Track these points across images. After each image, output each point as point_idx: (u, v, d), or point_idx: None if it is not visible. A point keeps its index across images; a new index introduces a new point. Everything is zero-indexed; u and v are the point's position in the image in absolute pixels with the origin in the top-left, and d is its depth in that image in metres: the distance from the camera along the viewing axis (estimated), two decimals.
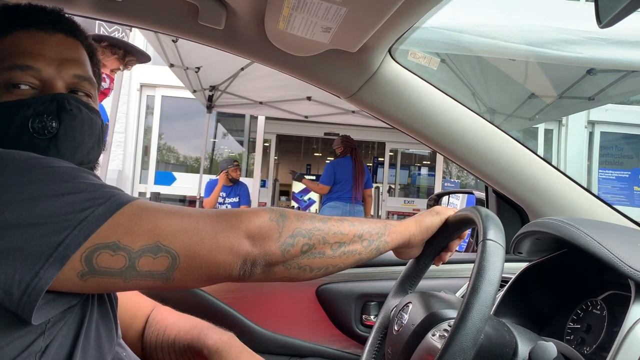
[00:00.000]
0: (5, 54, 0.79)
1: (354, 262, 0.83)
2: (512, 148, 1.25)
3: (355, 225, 0.83)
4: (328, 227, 0.78)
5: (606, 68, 3.40)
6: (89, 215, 0.61)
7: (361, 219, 0.85)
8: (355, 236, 0.82)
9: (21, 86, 0.78)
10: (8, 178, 0.61)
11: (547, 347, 0.71)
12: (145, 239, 0.63)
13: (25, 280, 0.57)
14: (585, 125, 7.29)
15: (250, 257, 0.70)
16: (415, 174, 8.41)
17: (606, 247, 0.78)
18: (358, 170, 5.09)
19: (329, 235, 0.78)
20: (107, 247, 0.62)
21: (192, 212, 0.69)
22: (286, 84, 4.69)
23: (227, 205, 5.56)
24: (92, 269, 0.61)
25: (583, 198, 1.24)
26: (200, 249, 0.66)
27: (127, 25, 1.39)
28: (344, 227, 0.81)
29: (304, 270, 0.77)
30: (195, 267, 0.67)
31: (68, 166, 0.67)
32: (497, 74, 3.78)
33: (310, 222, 0.77)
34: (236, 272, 0.70)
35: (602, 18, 0.59)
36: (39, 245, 0.58)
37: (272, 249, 0.72)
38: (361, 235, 0.83)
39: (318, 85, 1.23)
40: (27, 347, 0.62)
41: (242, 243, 0.69)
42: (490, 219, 0.76)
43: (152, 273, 0.65)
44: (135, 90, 7.22)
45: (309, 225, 0.76)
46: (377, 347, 0.99)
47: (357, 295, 1.39)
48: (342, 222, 0.81)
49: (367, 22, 0.92)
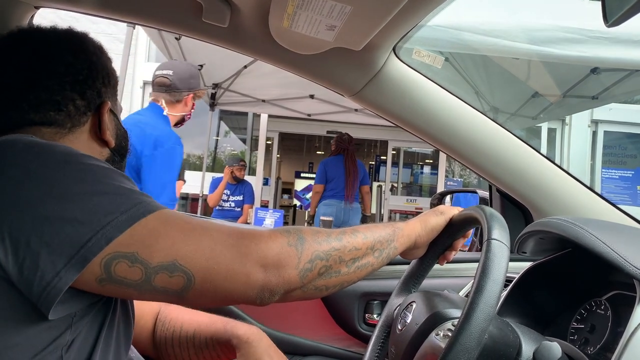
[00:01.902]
0: None
1: (367, 274, 0.83)
2: (516, 147, 1.25)
3: (367, 236, 0.83)
4: (344, 245, 0.78)
5: (610, 67, 3.39)
6: (112, 220, 0.62)
7: (370, 227, 0.85)
8: (368, 249, 0.82)
9: None
10: (46, 170, 0.64)
11: (551, 347, 0.71)
12: (162, 256, 0.63)
13: (47, 278, 0.59)
14: (589, 124, 7.27)
15: (268, 287, 0.69)
16: (417, 173, 8.41)
17: (611, 246, 0.77)
18: (349, 169, 5.09)
19: (345, 253, 0.78)
20: (125, 256, 0.62)
21: (212, 229, 0.68)
22: (289, 82, 4.69)
23: (230, 203, 5.57)
24: (110, 277, 0.62)
25: (587, 197, 1.24)
26: (216, 273, 0.66)
27: (131, 22, 1.38)
28: (358, 241, 0.81)
29: (321, 290, 0.77)
30: (210, 290, 0.67)
31: (102, 166, 0.69)
32: (500, 73, 3.77)
33: (327, 243, 0.76)
34: (252, 299, 0.70)
35: (609, 17, 0.59)
36: (64, 243, 0.60)
37: (291, 277, 0.71)
38: (373, 247, 0.83)
39: (322, 83, 1.23)
40: (54, 339, 0.63)
41: (258, 272, 0.68)
42: (495, 219, 0.76)
43: (167, 290, 0.65)
44: (138, 88, 7.23)
45: (326, 246, 0.76)
46: (380, 346, 0.99)
47: (360, 294, 1.39)
48: (355, 236, 0.81)
49: (372, 21, 0.91)
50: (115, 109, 0.93)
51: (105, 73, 0.90)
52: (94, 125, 0.87)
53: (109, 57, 0.94)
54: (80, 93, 0.84)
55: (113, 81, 0.93)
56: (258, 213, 4.73)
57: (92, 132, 0.87)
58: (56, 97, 0.81)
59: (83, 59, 0.86)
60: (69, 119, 0.82)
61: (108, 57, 0.94)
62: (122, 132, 0.95)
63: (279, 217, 4.67)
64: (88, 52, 0.88)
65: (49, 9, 1.14)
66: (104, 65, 0.91)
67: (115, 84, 0.93)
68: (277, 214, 4.71)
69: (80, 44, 0.88)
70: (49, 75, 0.82)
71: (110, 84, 0.92)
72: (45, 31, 0.87)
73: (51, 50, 0.84)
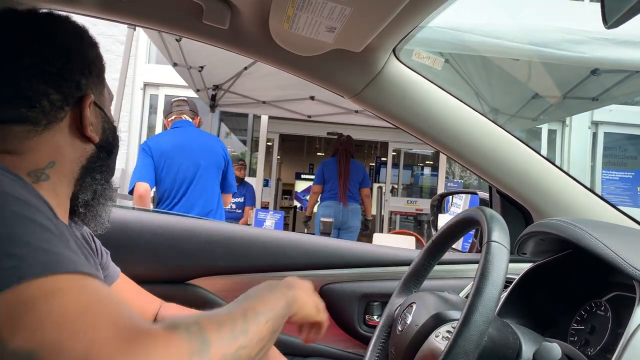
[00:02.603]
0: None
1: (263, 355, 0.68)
2: (516, 148, 1.25)
3: (269, 317, 0.68)
4: (250, 339, 0.62)
5: (610, 68, 3.39)
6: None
7: (265, 299, 0.71)
8: (270, 333, 0.68)
9: None
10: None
11: (551, 348, 0.71)
12: (24, 339, 0.46)
13: None
14: (589, 126, 7.26)
15: None
16: (418, 174, 8.41)
17: (611, 248, 0.77)
18: (341, 170, 5.10)
19: (253, 348, 0.63)
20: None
21: (103, 318, 0.50)
22: (289, 83, 4.69)
23: (231, 205, 5.57)
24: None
25: (587, 199, 1.24)
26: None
27: (131, 24, 1.38)
28: (262, 329, 0.65)
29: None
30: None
31: (29, 216, 0.56)
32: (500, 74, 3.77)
33: (234, 340, 0.59)
34: None
35: (609, 18, 0.59)
36: None
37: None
38: (274, 330, 0.69)
39: (322, 85, 1.23)
40: None
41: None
42: (495, 220, 0.75)
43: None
44: (138, 89, 7.22)
45: (233, 346, 0.59)
46: (381, 347, 0.99)
47: (360, 295, 1.39)
48: (258, 321, 0.65)
49: (372, 22, 0.91)
50: (101, 101, 0.87)
51: (86, 63, 0.83)
52: (74, 121, 0.80)
53: (93, 43, 0.87)
54: (55, 86, 0.77)
55: (96, 71, 0.86)
56: (258, 214, 4.73)
57: (73, 128, 0.80)
58: (26, 93, 0.74)
59: (56, 48, 0.79)
60: (44, 116, 0.76)
61: (90, 44, 0.86)
62: (109, 126, 0.89)
63: (279, 218, 4.67)
64: (63, 39, 0.80)
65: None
66: (83, 54, 0.83)
67: (99, 73, 0.87)
68: (278, 215, 4.72)
69: (53, 29, 0.80)
70: (14, 68, 0.74)
71: (93, 74, 0.84)
72: (11, 14, 0.79)
73: (14, 39, 0.76)
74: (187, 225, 1.40)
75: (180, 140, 3.04)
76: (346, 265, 1.42)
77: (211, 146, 3.11)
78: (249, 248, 1.39)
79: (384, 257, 1.44)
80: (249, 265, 1.38)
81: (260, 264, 1.39)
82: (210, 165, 3.07)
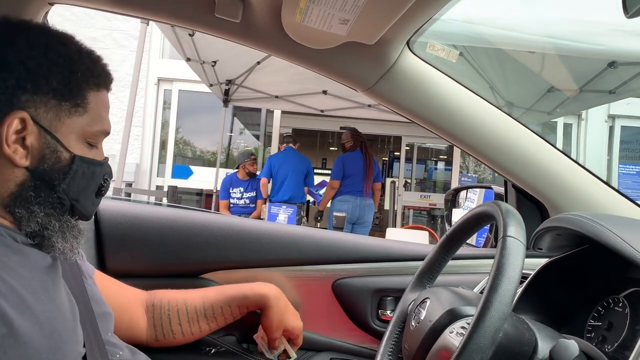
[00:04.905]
0: (97, 112, 0.82)
1: None
2: (532, 142, 1.23)
3: None
4: None
5: (628, 61, 3.34)
6: None
7: None
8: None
9: (94, 145, 0.84)
10: None
11: (568, 345, 0.70)
12: None
13: None
14: (606, 119, 7.18)
15: None
16: (431, 169, 8.36)
17: (629, 243, 0.76)
18: (368, 163, 5.08)
19: None
20: None
21: None
22: (302, 77, 4.69)
23: (245, 200, 5.60)
24: None
25: (604, 193, 1.22)
26: None
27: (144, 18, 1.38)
28: None
29: None
30: None
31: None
32: (515, 67, 3.73)
33: None
34: None
35: (630, 8, 0.57)
36: None
37: None
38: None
39: (335, 78, 1.22)
40: None
41: None
42: (511, 215, 0.74)
43: None
44: (152, 85, 7.27)
45: None
46: (394, 343, 0.98)
47: (373, 290, 1.39)
48: None
49: (385, 14, 0.90)
50: (53, 125, 0.76)
51: (30, 76, 0.73)
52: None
53: (55, 58, 0.76)
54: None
55: (44, 87, 0.75)
56: (271, 209, 4.74)
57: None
58: None
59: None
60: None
61: (49, 58, 0.75)
62: (54, 155, 0.77)
63: (292, 212, 4.68)
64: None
65: (63, 5, 1.14)
66: (28, 66, 0.74)
67: (54, 89, 0.75)
68: (290, 209, 4.72)
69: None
70: None
71: (42, 91, 0.74)
72: None
73: None
74: (199, 219, 1.40)
75: (286, 157, 5.46)
76: (359, 260, 1.41)
77: (300, 161, 5.45)
78: (261, 242, 1.39)
79: (398, 252, 1.43)
80: (262, 260, 1.38)
81: (272, 259, 1.39)
82: (298, 170, 5.37)
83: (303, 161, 5.48)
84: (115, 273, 1.16)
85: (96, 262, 1.29)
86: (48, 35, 0.79)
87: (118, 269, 1.28)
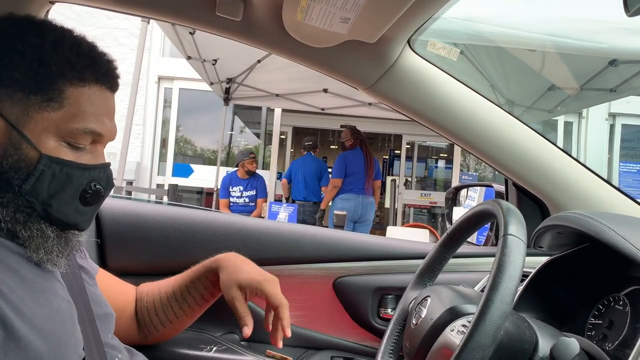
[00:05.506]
0: (78, 108, 0.74)
1: None
2: (532, 140, 1.23)
3: None
4: None
5: (629, 59, 3.33)
6: None
7: None
8: None
9: (80, 147, 0.76)
10: None
11: (569, 343, 0.70)
12: None
13: None
14: (606, 118, 7.17)
15: None
16: (432, 167, 8.36)
17: (630, 241, 0.76)
18: (369, 161, 5.09)
19: None
20: None
21: None
22: (303, 76, 4.69)
23: (245, 199, 5.60)
24: None
25: (605, 191, 1.22)
26: None
27: (145, 16, 1.38)
28: None
29: None
30: None
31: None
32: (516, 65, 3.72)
33: None
34: None
35: (630, 6, 0.57)
36: None
37: None
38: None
39: (336, 76, 1.22)
40: None
41: None
42: (512, 213, 0.74)
43: None
44: (153, 83, 7.27)
45: None
46: (395, 341, 0.98)
47: (374, 288, 1.39)
48: None
49: (386, 13, 0.90)
50: (19, 120, 0.72)
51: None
52: None
53: (22, 48, 0.72)
54: None
55: (7, 78, 0.71)
56: (272, 207, 4.74)
57: None
58: None
59: None
60: None
61: (15, 48, 0.71)
62: (16, 149, 0.72)
63: (293, 211, 4.68)
64: None
65: (64, 4, 1.14)
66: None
67: (19, 81, 0.71)
68: (291, 208, 4.72)
69: None
70: None
71: (1, 80, 0.71)
72: None
73: None
74: (200, 217, 1.40)
75: (304, 161, 5.98)
76: (360, 258, 1.42)
77: (315, 164, 5.94)
78: (262, 241, 1.39)
79: (398, 250, 1.43)
80: (262, 258, 1.39)
81: (273, 257, 1.39)
82: (313, 173, 5.86)
83: (318, 164, 5.99)
84: (116, 271, 1.17)
85: (97, 260, 1.29)
86: (20, 25, 0.74)
87: (119, 267, 1.28)
